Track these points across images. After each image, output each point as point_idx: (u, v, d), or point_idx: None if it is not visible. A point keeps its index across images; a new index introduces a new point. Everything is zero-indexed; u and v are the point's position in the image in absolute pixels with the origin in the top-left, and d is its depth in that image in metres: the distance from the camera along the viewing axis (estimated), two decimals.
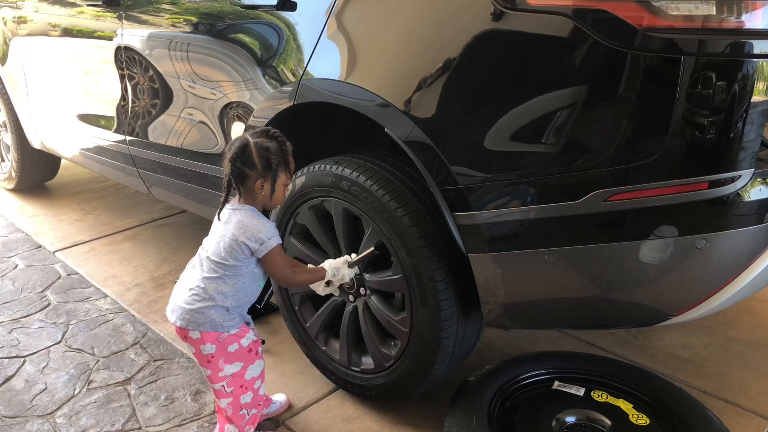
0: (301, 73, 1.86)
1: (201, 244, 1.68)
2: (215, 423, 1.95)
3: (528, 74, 1.43)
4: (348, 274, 1.77)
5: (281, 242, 1.64)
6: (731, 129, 1.28)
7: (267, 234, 1.60)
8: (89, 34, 2.78)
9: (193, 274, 1.65)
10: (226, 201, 1.65)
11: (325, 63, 1.80)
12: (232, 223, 1.61)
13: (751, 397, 2.07)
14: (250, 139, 1.60)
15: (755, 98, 1.26)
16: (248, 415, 1.76)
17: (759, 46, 1.25)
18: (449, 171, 1.54)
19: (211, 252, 1.62)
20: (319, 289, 1.85)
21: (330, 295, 1.96)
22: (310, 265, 1.85)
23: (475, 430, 1.71)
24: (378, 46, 1.68)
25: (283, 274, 1.67)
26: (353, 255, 1.80)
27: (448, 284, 1.67)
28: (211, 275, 1.61)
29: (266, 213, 1.72)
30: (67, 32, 2.93)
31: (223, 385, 1.69)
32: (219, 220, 1.65)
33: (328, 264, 1.76)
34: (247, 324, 1.72)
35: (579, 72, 1.36)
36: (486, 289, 1.61)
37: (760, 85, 1.26)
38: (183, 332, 1.65)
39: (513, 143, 1.45)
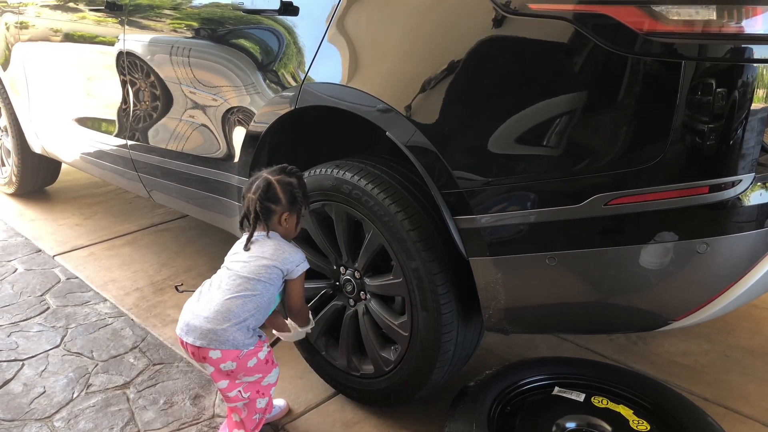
0: (303, 77, 1.86)
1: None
2: (214, 427, 1.94)
3: (529, 78, 1.43)
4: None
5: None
6: (732, 133, 1.28)
7: (299, 259, 1.73)
8: (91, 40, 2.79)
9: (216, 295, 1.66)
10: (251, 236, 1.71)
11: (326, 67, 1.81)
12: (267, 248, 1.69)
13: (751, 404, 2.06)
14: (271, 177, 1.70)
15: (756, 102, 1.27)
16: (257, 420, 1.77)
17: (759, 51, 1.26)
18: (450, 175, 1.54)
19: (244, 271, 1.67)
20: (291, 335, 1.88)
21: (330, 299, 1.97)
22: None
23: None
24: (380, 51, 1.69)
25: (298, 300, 1.77)
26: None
27: (448, 288, 1.67)
28: (234, 295, 1.64)
29: None
30: (69, 37, 2.94)
31: (239, 391, 1.71)
32: (247, 250, 1.70)
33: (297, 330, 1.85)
34: (260, 337, 1.74)
35: (580, 76, 1.36)
36: (486, 293, 1.61)
37: (760, 90, 1.27)
38: (202, 352, 1.65)
39: (514, 147, 1.46)
